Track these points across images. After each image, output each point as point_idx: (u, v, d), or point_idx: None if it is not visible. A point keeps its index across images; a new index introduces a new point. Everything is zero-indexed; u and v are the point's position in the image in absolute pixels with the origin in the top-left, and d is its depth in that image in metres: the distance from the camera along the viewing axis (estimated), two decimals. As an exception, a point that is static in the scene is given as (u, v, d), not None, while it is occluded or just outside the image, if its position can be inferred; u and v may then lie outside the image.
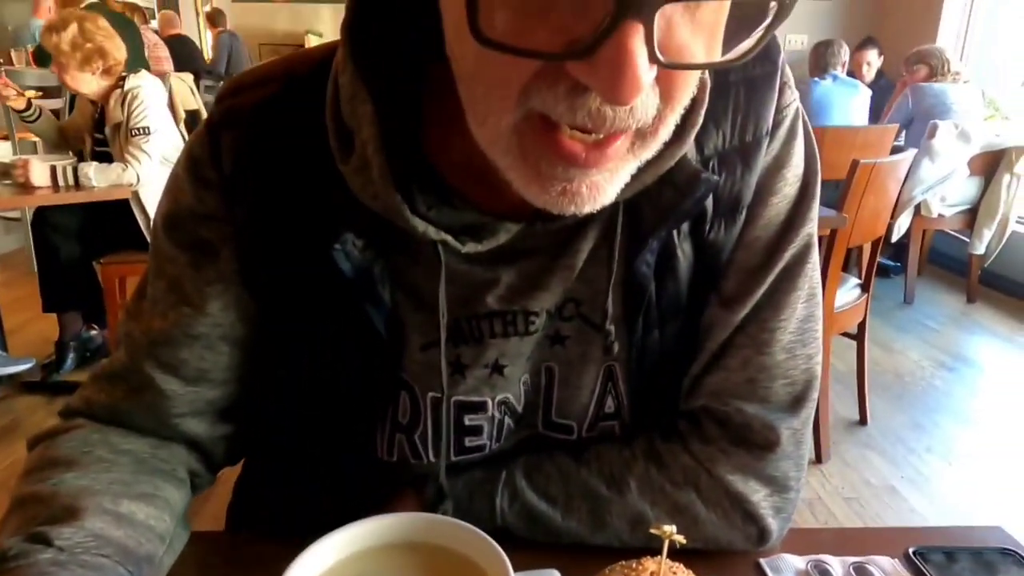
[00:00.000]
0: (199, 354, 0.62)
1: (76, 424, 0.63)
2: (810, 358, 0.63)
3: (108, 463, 0.60)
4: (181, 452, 0.66)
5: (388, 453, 0.67)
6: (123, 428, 0.63)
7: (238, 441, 0.70)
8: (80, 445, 0.60)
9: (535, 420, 0.68)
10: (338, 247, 0.54)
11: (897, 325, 3.62)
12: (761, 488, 0.62)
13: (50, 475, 0.57)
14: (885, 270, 4.25)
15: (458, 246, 0.55)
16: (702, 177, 0.56)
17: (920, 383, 3.02)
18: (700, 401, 0.64)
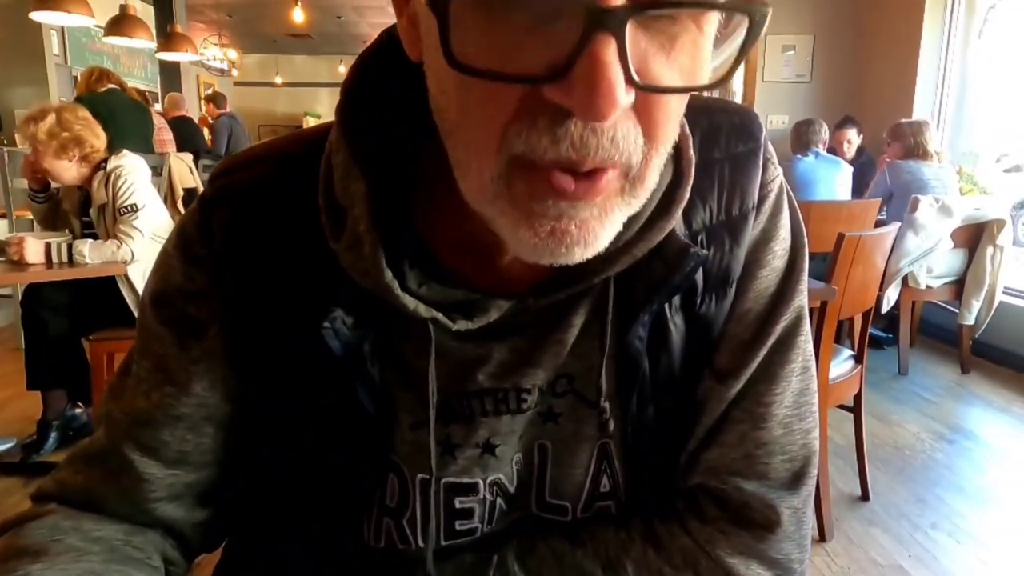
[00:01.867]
0: (181, 436, 0.61)
1: (48, 510, 0.61)
2: (807, 433, 0.62)
3: (79, 552, 0.57)
4: (156, 539, 0.63)
5: (375, 538, 0.64)
6: (97, 514, 0.61)
7: (217, 527, 0.67)
8: (50, 533, 0.58)
9: (528, 501, 0.65)
10: (327, 325, 0.54)
11: (893, 397, 3.60)
12: (763, 571, 0.60)
13: (15, 567, 0.54)
14: (878, 342, 4.26)
15: (449, 324, 0.55)
16: (691, 251, 0.56)
17: (920, 456, 2.97)
18: (697, 479, 0.63)
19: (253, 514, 0.68)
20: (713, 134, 0.62)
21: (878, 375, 3.80)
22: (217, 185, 0.62)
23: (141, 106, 4.83)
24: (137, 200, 2.71)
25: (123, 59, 7.88)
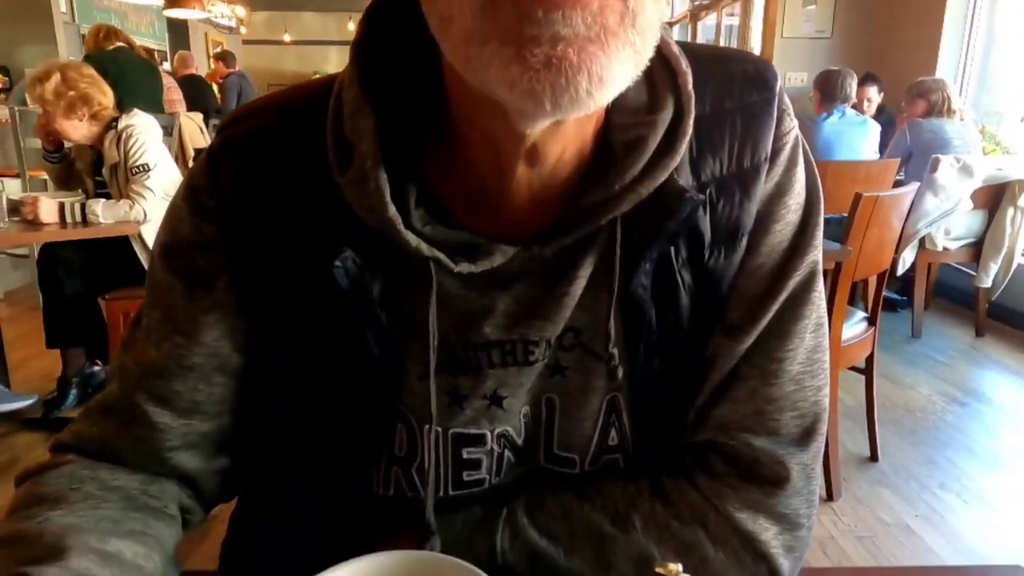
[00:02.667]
0: (193, 385, 0.61)
1: (65, 459, 0.62)
2: (818, 390, 0.62)
3: (96, 500, 0.58)
4: (172, 488, 0.64)
5: (384, 487, 0.65)
6: (113, 463, 0.62)
7: (232, 476, 0.68)
8: (68, 481, 0.59)
9: (536, 454, 0.66)
10: (338, 264, 0.54)
11: (906, 359, 3.58)
12: (771, 526, 0.60)
13: (36, 513, 0.56)
14: (892, 304, 4.22)
15: (450, 264, 0.55)
16: (686, 196, 0.55)
17: (931, 418, 2.97)
18: (706, 434, 0.62)
19: (266, 463, 0.69)
20: (726, 83, 0.60)
21: (891, 338, 3.78)
22: (224, 136, 0.62)
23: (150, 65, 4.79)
24: (148, 160, 2.72)
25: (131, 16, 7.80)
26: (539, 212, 0.58)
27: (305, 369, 0.62)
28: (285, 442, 0.67)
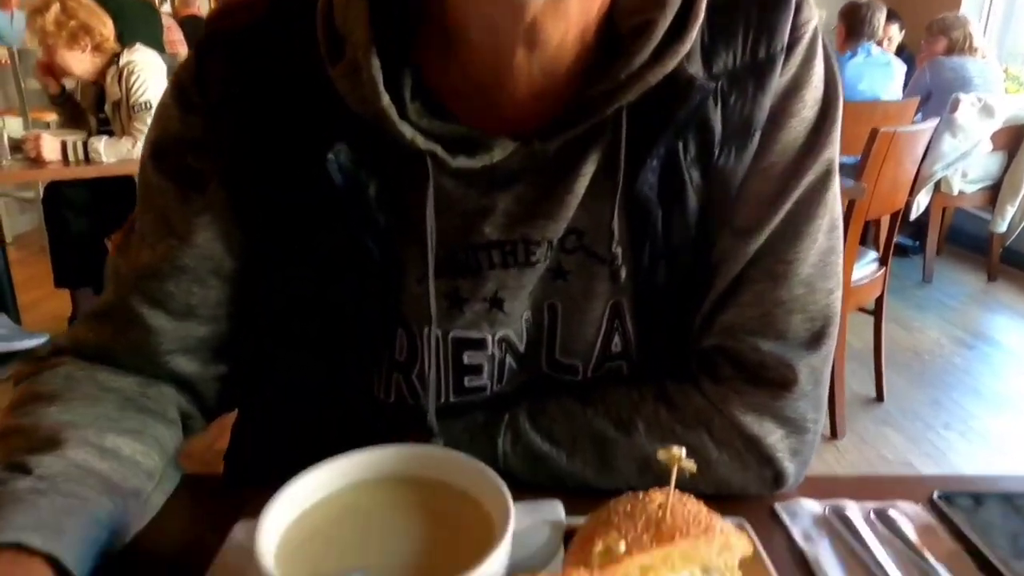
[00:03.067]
0: (187, 288, 0.60)
1: (61, 361, 0.61)
2: (830, 293, 0.60)
3: (93, 399, 0.57)
4: (171, 392, 0.63)
5: (385, 393, 0.64)
6: (111, 367, 0.61)
7: (231, 383, 0.68)
8: (64, 381, 0.58)
9: (538, 360, 0.65)
10: (331, 157, 0.52)
11: (915, 303, 3.56)
12: (777, 429, 0.59)
13: (32, 409, 0.55)
14: (903, 250, 4.16)
15: (448, 159, 0.53)
16: (696, 83, 0.53)
17: (939, 360, 2.97)
18: (712, 340, 0.61)
19: (266, 371, 0.68)
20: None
21: (902, 282, 3.75)
22: (212, 30, 0.60)
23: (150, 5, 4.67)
24: (151, 97, 2.67)
25: (128, -45, 7.57)
26: (540, 106, 0.55)
27: (302, 274, 0.61)
28: (285, 351, 0.66)
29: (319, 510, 0.48)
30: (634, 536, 0.43)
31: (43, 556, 0.43)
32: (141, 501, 0.55)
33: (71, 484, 0.49)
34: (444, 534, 0.47)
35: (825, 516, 0.59)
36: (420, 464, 0.51)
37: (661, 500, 0.47)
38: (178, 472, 0.62)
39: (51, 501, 0.47)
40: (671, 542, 0.43)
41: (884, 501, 0.60)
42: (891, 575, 0.51)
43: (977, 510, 0.58)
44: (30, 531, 0.43)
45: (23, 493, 0.47)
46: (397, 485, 0.51)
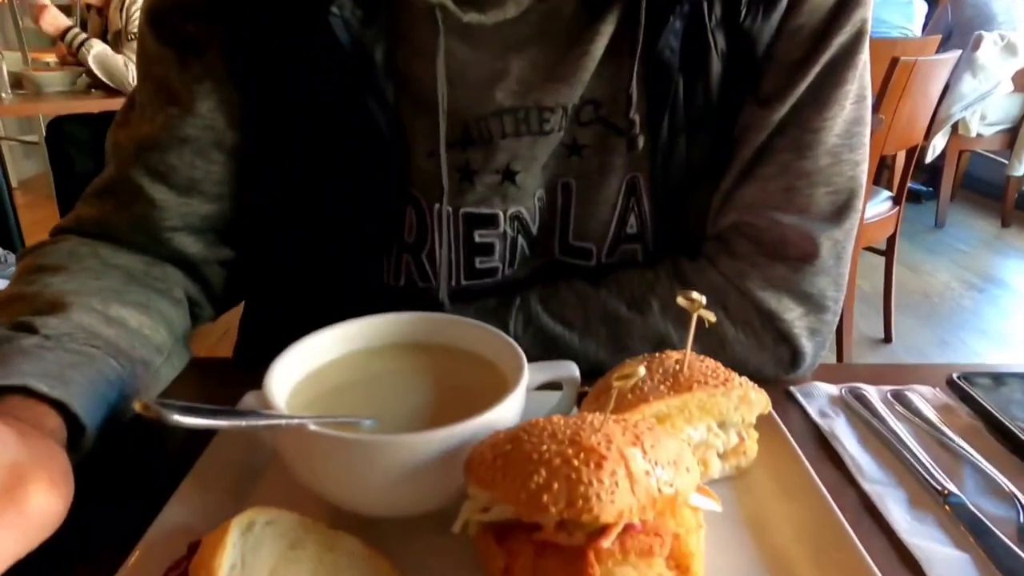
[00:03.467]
0: (189, 161, 0.58)
1: (64, 237, 0.60)
2: (856, 165, 0.57)
3: (97, 272, 0.56)
4: (176, 274, 0.62)
5: (395, 277, 0.63)
6: (114, 244, 0.60)
7: (237, 270, 0.66)
8: (68, 255, 0.57)
9: (551, 244, 0.63)
10: (335, 11, 0.50)
11: (927, 248, 3.52)
12: (795, 306, 0.57)
13: (35, 279, 0.54)
14: (917, 195, 4.09)
15: (458, 13, 0.50)
16: None
17: (948, 303, 2.94)
18: (731, 217, 0.59)
19: (273, 259, 0.67)
20: None
21: (914, 227, 3.69)
22: None
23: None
24: (148, 26, 2.62)
25: None
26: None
27: (306, 151, 0.59)
28: (291, 235, 0.65)
29: (328, 371, 0.47)
30: (651, 386, 0.42)
31: (50, 403, 0.43)
32: (150, 372, 0.54)
33: (77, 344, 0.48)
34: (456, 391, 0.46)
35: (841, 396, 0.58)
36: (430, 330, 0.50)
37: (679, 356, 0.46)
38: (187, 352, 0.62)
39: (57, 356, 0.46)
40: (689, 391, 0.42)
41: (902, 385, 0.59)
42: (909, 446, 0.51)
43: (997, 388, 0.57)
44: (37, 377, 0.42)
45: (29, 348, 0.46)
46: (407, 350, 0.50)
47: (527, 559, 0.34)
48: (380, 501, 0.39)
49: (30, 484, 0.33)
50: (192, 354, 0.63)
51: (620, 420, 0.37)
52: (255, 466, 0.46)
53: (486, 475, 0.35)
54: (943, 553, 0.41)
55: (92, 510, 0.38)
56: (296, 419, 0.38)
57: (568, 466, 0.33)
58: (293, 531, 0.37)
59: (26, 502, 0.33)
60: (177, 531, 0.38)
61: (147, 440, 0.52)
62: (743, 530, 0.42)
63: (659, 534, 0.34)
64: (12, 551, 0.32)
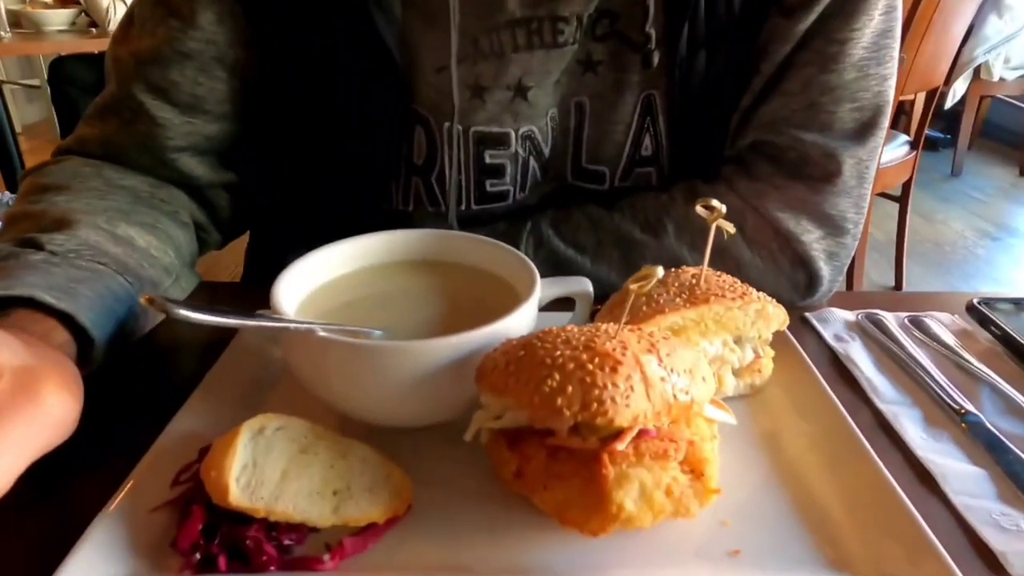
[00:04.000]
0: (192, 77, 0.56)
1: (67, 158, 0.59)
2: (884, 80, 0.55)
3: (102, 192, 0.55)
4: (182, 197, 0.61)
5: (404, 202, 0.62)
6: (118, 165, 0.59)
7: (244, 195, 0.65)
8: (72, 175, 0.56)
9: (564, 168, 0.62)
10: None
11: (942, 196, 3.46)
12: (814, 229, 0.56)
13: (40, 198, 0.53)
14: (933, 143, 4.01)
15: None
16: None
17: (961, 252, 2.91)
18: (751, 136, 0.57)
19: (281, 183, 0.65)
20: None
21: (929, 176, 3.62)
22: None
23: None
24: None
25: None
26: None
27: (312, 68, 0.57)
28: (298, 158, 0.63)
29: (337, 286, 0.47)
30: (667, 298, 0.42)
31: (58, 317, 0.42)
32: (160, 291, 0.53)
33: (84, 260, 0.47)
34: (467, 305, 0.45)
35: (857, 321, 0.57)
36: (441, 247, 0.49)
37: (695, 271, 0.44)
38: (195, 276, 0.61)
39: (64, 271, 0.45)
40: (705, 304, 0.41)
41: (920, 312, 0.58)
42: (926, 368, 0.50)
43: (1018, 313, 0.56)
44: (43, 289, 0.42)
45: (35, 262, 0.45)
46: (418, 267, 0.49)
47: (539, 463, 0.34)
48: (391, 410, 0.39)
49: (42, 383, 0.33)
50: (200, 278, 0.62)
51: (635, 329, 0.36)
52: (266, 379, 0.46)
53: (499, 381, 0.35)
54: (959, 468, 0.41)
55: (104, 422, 0.38)
56: (305, 324, 0.37)
57: (582, 370, 0.32)
58: (304, 437, 0.37)
59: (42, 401, 0.32)
60: (187, 438, 0.38)
61: (158, 357, 0.52)
62: (757, 444, 0.41)
63: (674, 439, 0.34)
64: (34, 445, 0.32)
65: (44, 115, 4.81)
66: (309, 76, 0.58)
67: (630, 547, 0.34)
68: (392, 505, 0.35)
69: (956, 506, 0.38)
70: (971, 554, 0.35)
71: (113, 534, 0.32)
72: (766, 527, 0.35)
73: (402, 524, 0.35)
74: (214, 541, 0.32)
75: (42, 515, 0.35)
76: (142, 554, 0.32)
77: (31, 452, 0.31)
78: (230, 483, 0.32)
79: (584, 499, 0.32)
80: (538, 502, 0.34)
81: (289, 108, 0.60)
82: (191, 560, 0.32)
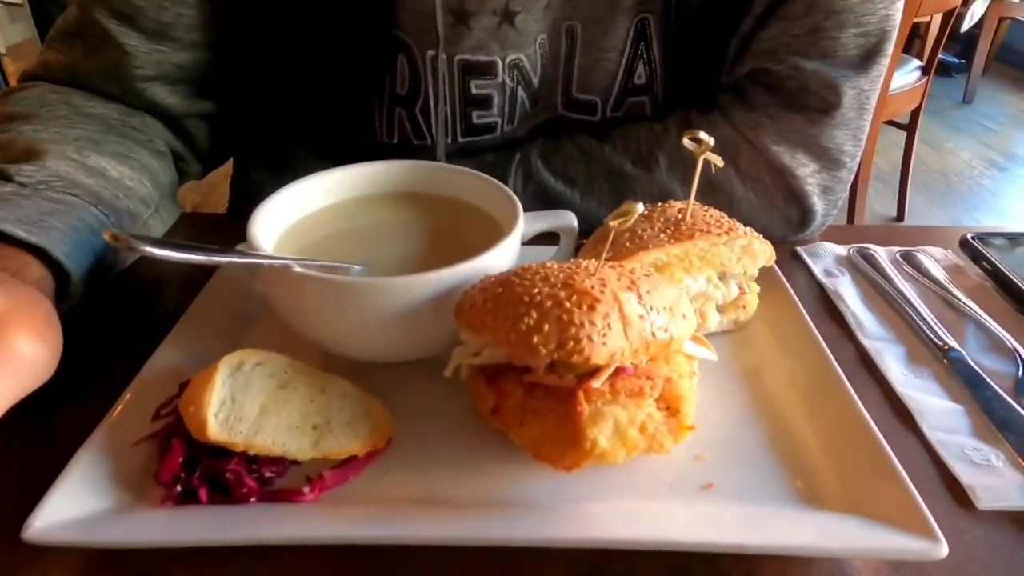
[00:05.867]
0: (157, 2, 0.53)
1: (33, 84, 0.57)
2: (892, 2, 0.52)
3: (71, 120, 0.53)
4: (156, 125, 0.59)
5: (388, 134, 0.60)
6: (86, 92, 0.56)
7: (221, 124, 0.63)
8: (38, 102, 0.54)
9: (554, 98, 0.59)
10: None
11: (951, 124, 3.38)
12: (810, 162, 0.55)
13: (6, 127, 0.51)
14: (946, 68, 3.88)
15: None
16: None
17: (967, 182, 2.87)
18: (749, 64, 0.55)
19: (259, 114, 0.63)
20: None
21: (940, 103, 3.53)
22: None
23: None
24: None
25: None
26: None
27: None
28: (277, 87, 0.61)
29: (317, 218, 0.46)
30: (651, 234, 0.41)
31: (31, 251, 0.41)
32: (138, 224, 0.52)
33: (54, 192, 0.46)
34: (449, 239, 0.45)
35: (848, 256, 0.56)
36: (424, 179, 0.48)
37: (681, 205, 0.43)
38: (176, 207, 0.60)
39: (35, 203, 0.44)
40: (690, 240, 0.40)
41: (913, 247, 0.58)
42: (915, 304, 0.49)
43: (1012, 249, 0.55)
44: (12, 223, 0.41)
45: (5, 195, 0.44)
46: (400, 199, 0.48)
47: (516, 400, 0.34)
48: (370, 345, 0.39)
49: (13, 330, 0.32)
50: (182, 209, 0.61)
51: (616, 266, 0.36)
52: (248, 313, 0.45)
53: (476, 318, 0.34)
54: (936, 404, 0.41)
55: (85, 356, 0.38)
56: (279, 260, 0.37)
57: (560, 308, 0.32)
58: (283, 372, 0.37)
59: (12, 348, 0.32)
60: (168, 373, 0.39)
61: (138, 290, 0.51)
62: (738, 380, 0.41)
63: (651, 377, 0.34)
64: (7, 394, 0.31)
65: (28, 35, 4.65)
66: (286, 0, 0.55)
67: (604, 480, 0.34)
68: (372, 439, 0.35)
69: (930, 441, 0.39)
70: (941, 488, 0.36)
71: (96, 466, 0.33)
72: (740, 461, 0.36)
73: (382, 457, 0.36)
74: (195, 474, 0.33)
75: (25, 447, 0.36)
76: (125, 486, 0.33)
77: (4, 401, 0.31)
78: (208, 418, 0.33)
79: (559, 435, 0.32)
80: (514, 437, 0.34)
81: (265, 34, 0.57)
82: (173, 492, 0.32)
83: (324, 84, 0.58)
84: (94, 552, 0.31)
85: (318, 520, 0.32)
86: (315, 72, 0.58)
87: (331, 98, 0.59)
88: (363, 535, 0.31)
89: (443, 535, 0.31)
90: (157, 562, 0.31)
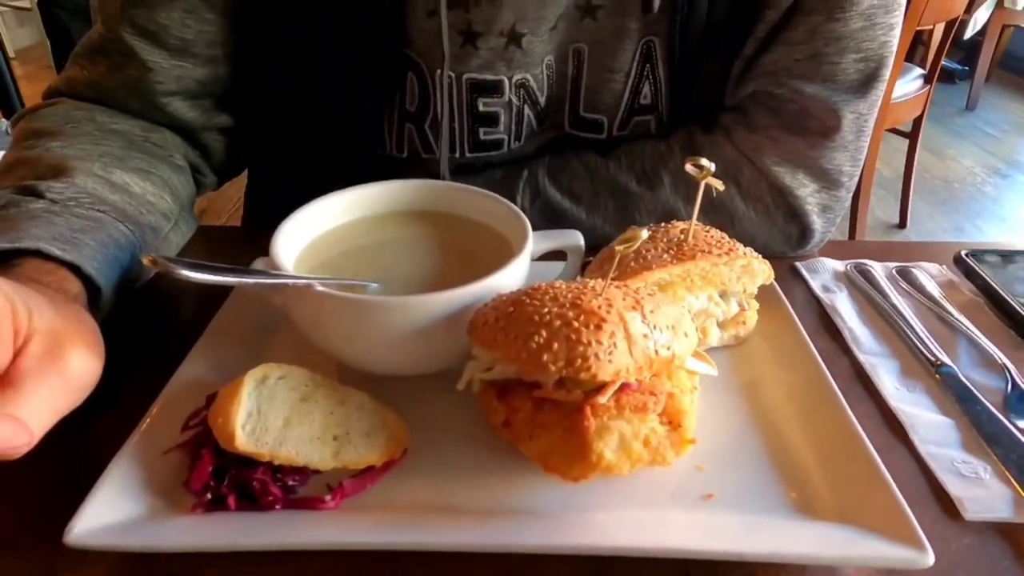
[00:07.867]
0: (180, 20, 0.56)
1: (58, 101, 0.59)
2: (890, 29, 0.54)
3: (95, 137, 0.55)
4: (176, 140, 0.61)
5: (397, 148, 0.62)
6: (109, 108, 0.58)
7: (237, 138, 0.65)
8: (64, 119, 0.56)
9: (561, 117, 0.61)
10: None
11: (954, 131, 3.39)
12: (810, 182, 0.56)
13: (34, 143, 0.53)
14: (950, 74, 3.90)
15: None
16: None
17: (969, 189, 2.88)
18: (751, 86, 0.57)
19: (274, 128, 0.65)
20: None
21: (943, 109, 3.55)
22: None
23: None
24: None
25: None
26: None
27: (301, 10, 0.56)
28: (291, 102, 0.63)
29: (334, 236, 0.48)
30: (654, 254, 0.43)
31: (65, 267, 0.43)
32: (160, 238, 0.54)
33: (83, 208, 0.48)
34: (460, 257, 0.47)
35: (846, 272, 0.58)
36: (436, 198, 0.50)
37: (684, 226, 0.45)
38: (194, 220, 0.62)
39: (67, 220, 0.46)
40: (692, 260, 0.42)
41: (909, 263, 0.59)
42: (909, 320, 0.51)
43: (1004, 266, 0.57)
44: (48, 241, 0.43)
45: (37, 212, 0.46)
46: (413, 217, 0.50)
47: (526, 413, 0.36)
48: (387, 360, 0.41)
49: (68, 347, 0.34)
50: (198, 221, 0.63)
51: (621, 286, 0.37)
52: (268, 325, 0.47)
53: (489, 336, 0.36)
54: (927, 418, 0.43)
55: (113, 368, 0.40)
56: (303, 279, 0.39)
57: (568, 327, 0.34)
58: (305, 385, 0.39)
59: (67, 364, 0.33)
60: (194, 384, 0.41)
61: (162, 303, 0.53)
62: (737, 393, 0.43)
63: (654, 392, 0.35)
64: (58, 410, 0.33)
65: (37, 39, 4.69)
66: (299, 17, 0.57)
67: (609, 490, 0.36)
68: (389, 449, 0.37)
69: (921, 454, 0.40)
70: (930, 499, 0.38)
71: (130, 474, 0.35)
72: (739, 472, 0.38)
73: (398, 467, 0.38)
74: (223, 482, 0.35)
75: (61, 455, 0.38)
76: (157, 493, 0.35)
77: (55, 415, 0.33)
78: (236, 430, 0.34)
79: (567, 448, 0.34)
80: (524, 450, 0.36)
81: (279, 50, 0.59)
82: (203, 499, 0.34)
83: (336, 100, 0.61)
84: (129, 555, 0.33)
85: (338, 526, 0.34)
86: (327, 88, 0.60)
87: (343, 113, 0.61)
88: (381, 541, 0.33)
89: (456, 541, 0.33)
90: (188, 565, 0.33)
